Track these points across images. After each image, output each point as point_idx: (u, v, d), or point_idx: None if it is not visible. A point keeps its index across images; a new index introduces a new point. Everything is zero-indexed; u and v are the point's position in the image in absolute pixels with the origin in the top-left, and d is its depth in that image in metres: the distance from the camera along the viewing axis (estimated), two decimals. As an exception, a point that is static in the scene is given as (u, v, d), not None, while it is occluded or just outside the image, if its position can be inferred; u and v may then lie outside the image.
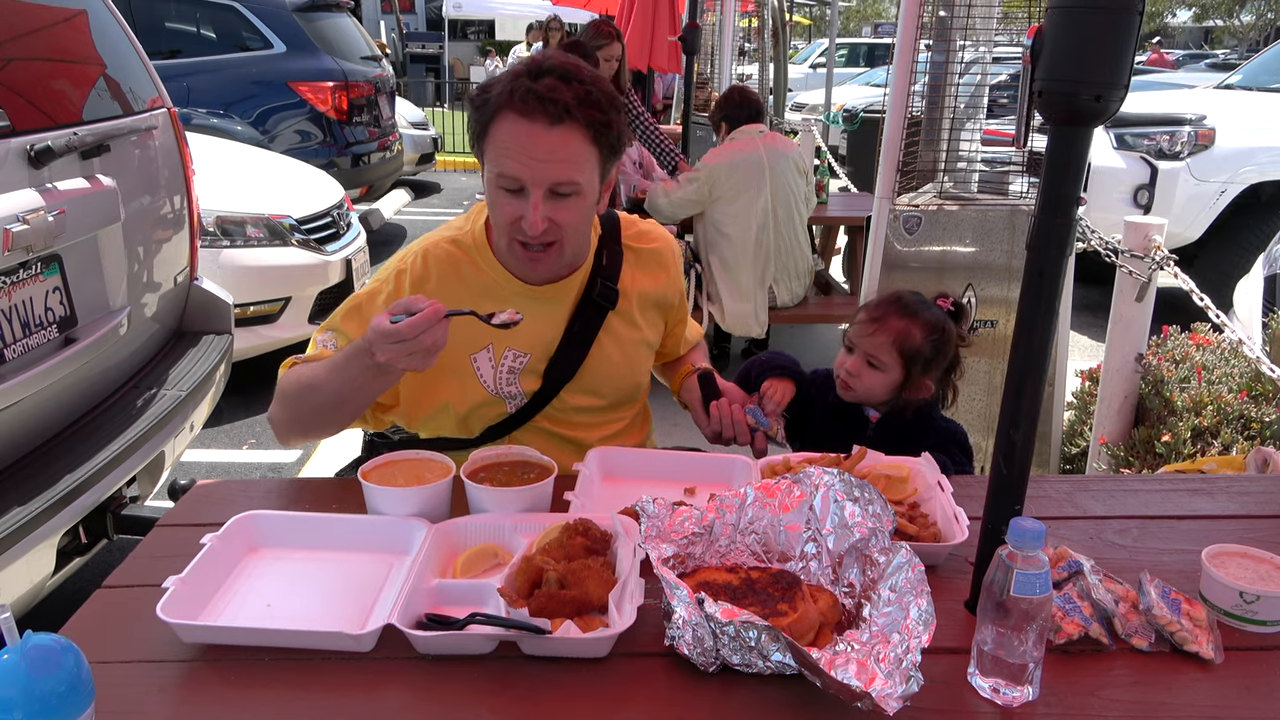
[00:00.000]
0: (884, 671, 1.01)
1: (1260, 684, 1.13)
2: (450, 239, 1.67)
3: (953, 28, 3.22)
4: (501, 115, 1.48)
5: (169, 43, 7.00)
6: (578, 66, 1.51)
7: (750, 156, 4.28)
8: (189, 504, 1.56)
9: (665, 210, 4.39)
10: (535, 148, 1.47)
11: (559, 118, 1.46)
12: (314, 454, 4.02)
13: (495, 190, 1.53)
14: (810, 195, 4.60)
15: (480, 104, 1.52)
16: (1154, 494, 1.64)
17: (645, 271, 1.77)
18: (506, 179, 1.50)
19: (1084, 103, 1.06)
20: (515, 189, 1.50)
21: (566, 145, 1.48)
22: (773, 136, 4.45)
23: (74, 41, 2.72)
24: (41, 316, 2.29)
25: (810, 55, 20.10)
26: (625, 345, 1.74)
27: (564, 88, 1.46)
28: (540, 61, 1.50)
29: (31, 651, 0.87)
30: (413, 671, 1.12)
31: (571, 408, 1.71)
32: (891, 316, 1.79)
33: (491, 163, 1.51)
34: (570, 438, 1.72)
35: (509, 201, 1.51)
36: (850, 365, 1.81)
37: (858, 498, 1.23)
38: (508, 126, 1.48)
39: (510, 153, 1.48)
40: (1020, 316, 1.17)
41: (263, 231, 4.41)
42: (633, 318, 1.75)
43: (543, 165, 1.48)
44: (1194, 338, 3.26)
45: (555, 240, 1.55)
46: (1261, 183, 5.56)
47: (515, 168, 1.48)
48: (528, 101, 1.45)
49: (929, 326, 1.79)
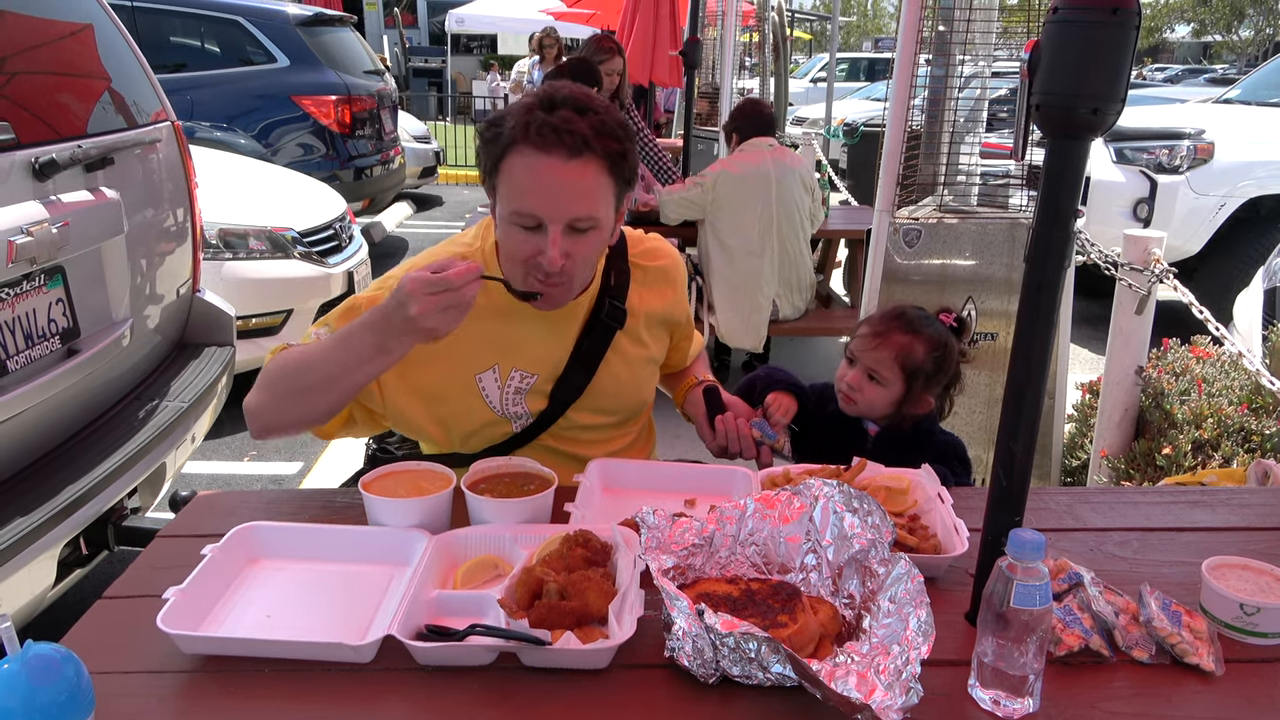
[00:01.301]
0: (884, 683, 1.01)
1: (1261, 696, 1.13)
2: (459, 255, 1.63)
3: (952, 42, 3.24)
4: (516, 150, 1.44)
5: (173, 56, 7.04)
6: (589, 97, 1.48)
7: (757, 169, 4.30)
8: (190, 515, 1.56)
9: (664, 209, 4.42)
10: (553, 182, 1.43)
11: (577, 150, 1.42)
12: (315, 465, 4.02)
13: (509, 226, 1.48)
14: (816, 212, 4.61)
15: (491, 138, 1.47)
16: (1154, 506, 1.64)
17: (652, 290, 1.76)
18: (524, 216, 1.46)
19: (1081, 116, 1.07)
20: (532, 225, 1.46)
21: (584, 178, 1.45)
22: (782, 151, 4.47)
23: (79, 55, 2.74)
24: (44, 328, 2.30)
25: (811, 70, 20.20)
26: (632, 364, 1.73)
27: (580, 119, 1.42)
28: (552, 93, 1.46)
29: (32, 661, 0.87)
30: (412, 683, 1.12)
31: (577, 426, 1.70)
32: (895, 332, 1.79)
33: (506, 200, 1.47)
34: (574, 454, 1.70)
35: (526, 238, 1.47)
36: (851, 379, 1.81)
37: (857, 509, 1.24)
38: (524, 162, 1.43)
39: (528, 189, 1.44)
40: (1019, 328, 1.18)
41: (265, 244, 4.42)
42: (640, 336, 1.74)
43: (562, 201, 1.44)
44: (1194, 350, 3.26)
45: (570, 273, 1.52)
46: (1261, 196, 5.57)
47: (534, 205, 1.44)
48: (544, 135, 1.41)
49: (932, 343, 1.79)
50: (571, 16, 11.80)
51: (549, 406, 1.66)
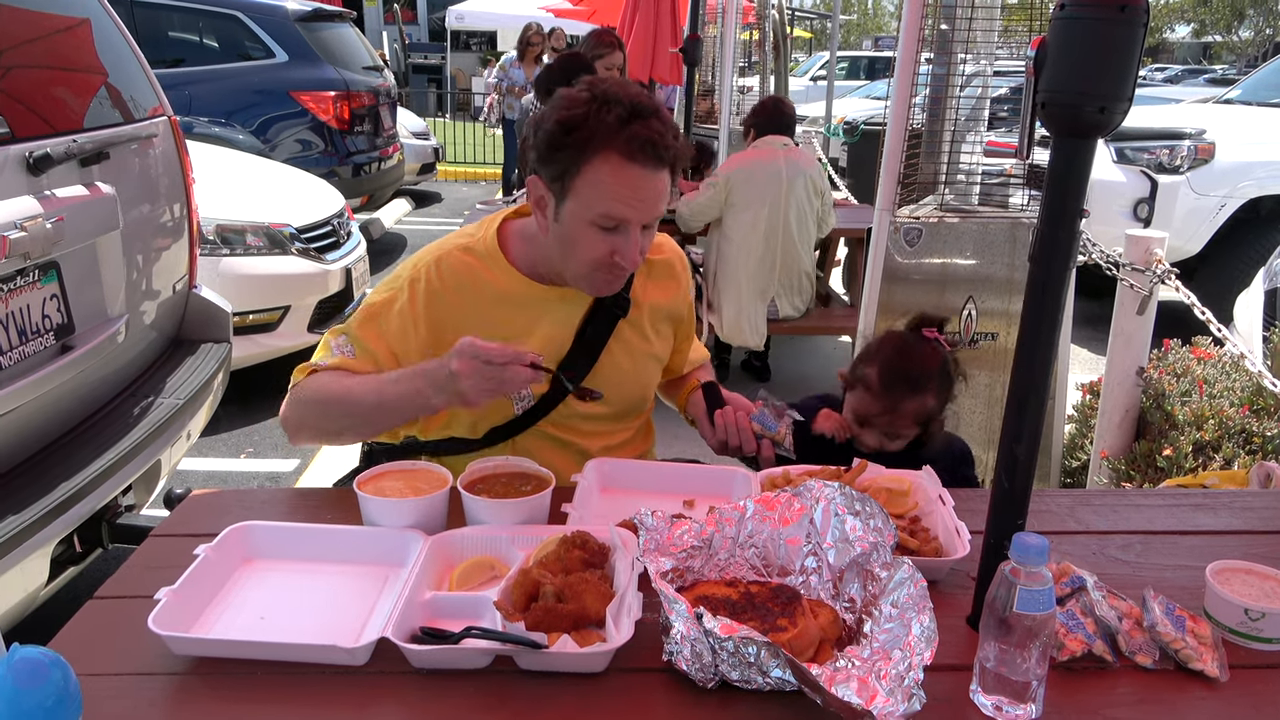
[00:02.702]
0: (885, 689, 0.99)
1: (1267, 703, 1.11)
2: (463, 247, 1.67)
3: (954, 41, 3.22)
4: (605, 154, 1.47)
5: (171, 51, 7.01)
6: (658, 104, 1.54)
7: (769, 167, 4.29)
8: (183, 514, 1.54)
9: (686, 217, 4.42)
10: (641, 190, 1.50)
11: (663, 162, 1.49)
12: (311, 464, 4.01)
13: (585, 228, 1.52)
14: (825, 216, 4.60)
15: (572, 143, 1.48)
16: (1156, 509, 1.63)
17: (657, 283, 1.78)
18: (610, 219, 1.51)
19: (1088, 115, 1.06)
20: (613, 227, 1.52)
21: (663, 185, 1.53)
22: (796, 152, 4.47)
23: (76, 50, 2.72)
24: (39, 324, 2.28)
25: (811, 68, 20.17)
26: (635, 355, 1.75)
27: (667, 130, 1.49)
28: (631, 99, 1.49)
29: (18, 665, 0.85)
30: (407, 686, 1.11)
31: (577, 414, 1.71)
32: (904, 399, 1.76)
33: (587, 203, 1.50)
34: (573, 444, 1.72)
35: (603, 239, 1.53)
36: (870, 441, 1.80)
37: (859, 511, 1.22)
38: (613, 169, 1.48)
39: (616, 195, 1.49)
40: (1023, 330, 1.16)
41: (262, 240, 4.41)
42: (644, 329, 1.76)
43: (647, 206, 1.52)
44: (1195, 351, 3.25)
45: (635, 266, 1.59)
46: (1261, 197, 5.56)
47: (624, 210, 1.50)
48: (640, 146, 1.46)
49: (939, 385, 1.79)
50: (571, 13, 11.76)
51: (550, 390, 1.67)
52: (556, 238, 1.59)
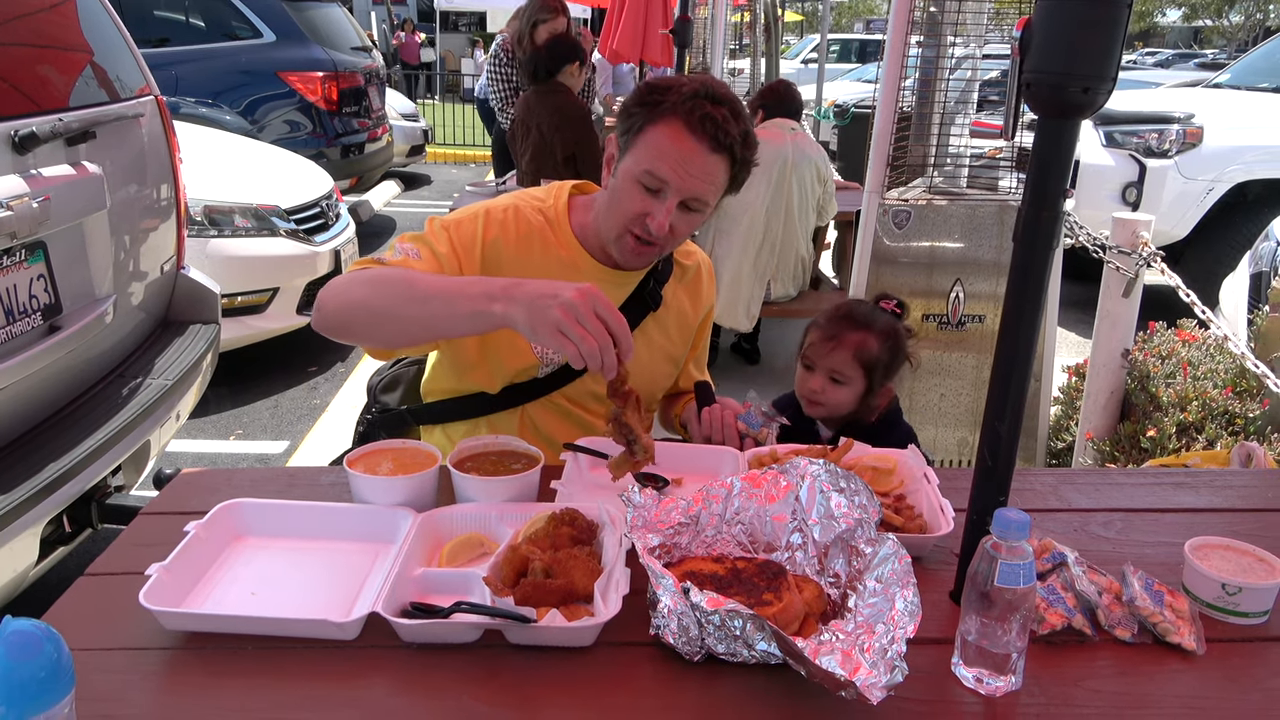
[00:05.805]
0: (869, 661, 1.01)
1: (1241, 675, 1.14)
2: (535, 206, 1.72)
3: (943, 24, 3.22)
4: (670, 120, 1.54)
5: (158, 31, 6.93)
6: (739, 102, 1.60)
7: (776, 149, 4.29)
8: (173, 492, 1.55)
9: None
10: (691, 162, 1.55)
11: (720, 146, 1.55)
12: (301, 445, 4.01)
13: (631, 183, 1.58)
14: (826, 204, 4.60)
15: (650, 104, 1.57)
16: (1139, 487, 1.65)
17: (686, 288, 1.86)
18: (653, 178, 1.56)
19: (1072, 95, 1.06)
20: (655, 188, 1.57)
21: (714, 171, 1.57)
22: (803, 136, 4.47)
23: (61, 28, 2.70)
24: (25, 304, 2.27)
25: (802, 51, 20.10)
26: (654, 350, 1.80)
27: (734, 123, 1.55)
28: (715, 88, 1.57)
29: (11, 637, 0.86)
30: (397, 660, 1.12)
31: (589, 393, 1.75)
32: (847, 331, 1.84)
33: (639, 159, 1.56)
34: (582, 420, 1.77)
35: (642, 197, 1.58)
36: (814, 384, 1.86)
37: (844, 488, 1.24)
38: (672, 133, 1.54)
39: (667, 156, 1.54)
40: (1007, 307, 1.17)
41: (251, 221, 4.38)
42: (667, 328, 1.82)
43: (691, 177, 1.56)
44: (1180, 334, 3.28)
45: (664, 243, 1.63)
46: (1248, 181, 5.59)
47: (668, 171, 1.54)
48: (702, 121, 1.53)
49: (884, 334, 1.85)
50: (562, -5, 11.68)
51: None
52: (609, 192, 1.64)
